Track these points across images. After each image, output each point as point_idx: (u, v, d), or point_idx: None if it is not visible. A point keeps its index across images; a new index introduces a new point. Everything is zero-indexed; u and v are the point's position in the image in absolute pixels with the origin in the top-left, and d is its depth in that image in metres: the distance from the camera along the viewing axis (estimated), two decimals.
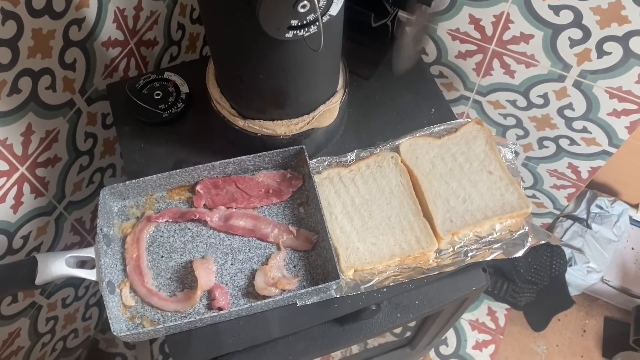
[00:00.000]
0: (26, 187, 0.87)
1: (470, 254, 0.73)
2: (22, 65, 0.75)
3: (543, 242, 0.74)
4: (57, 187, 0.94)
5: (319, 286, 0.67)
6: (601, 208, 1.42)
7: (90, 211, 1.07)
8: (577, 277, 1.41)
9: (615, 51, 0.90)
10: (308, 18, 0.55)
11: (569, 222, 1.43)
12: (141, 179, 0.73)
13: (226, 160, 0.75)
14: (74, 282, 1.13)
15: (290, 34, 0.56)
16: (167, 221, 0.75)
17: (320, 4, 0.54)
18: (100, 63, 0.90)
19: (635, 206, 1.45)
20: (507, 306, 1.49)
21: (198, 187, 0.76)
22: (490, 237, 0.74)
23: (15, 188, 0.85)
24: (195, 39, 1.15)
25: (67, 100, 0.87)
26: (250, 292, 0.71)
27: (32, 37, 0.74)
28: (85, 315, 1.24)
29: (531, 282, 1.38)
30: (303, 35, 0.56)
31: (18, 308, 0.99)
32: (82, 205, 1.04)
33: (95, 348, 1.33)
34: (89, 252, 0.68)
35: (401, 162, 0.79)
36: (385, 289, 0.71)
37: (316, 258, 0.73)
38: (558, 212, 1.36)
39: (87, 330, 1.28)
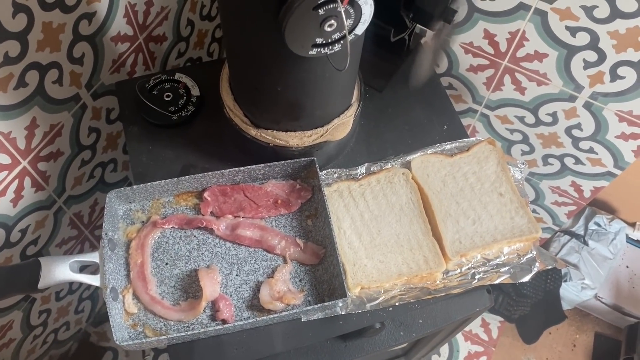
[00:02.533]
0: (27, 181, 0.85)
1: (477, 277, 0.72)
2: (30, 58, 0.73)
3: (550, 267, 0.74)
4: (58, 181, 0.93)
5: (326, 303, 0.66)
6: (599, 225, 1.42)
7: (89, 206, 1.06)
8: (571, 293, 1.42)
9: (629, 76, 0.89)
10: (333, 37, 0.54)
11: (566, 237, 1.43)
12: (149, 183, 0.72)
13: (236, 169, 0.74)
14: None
15: (314, 52, 0.55)
16: (173, 227, 0.74)
17: (347, 23, 0.53)
18: (108, 58, 0.89)
19: (632, 225, 1.45)
20: (501, 318, 1.49)
21: (206, 194, 0.75)
22: (498, 260, 0.74)
23: (16, 182, 0.83)
24: (204, 36, 1.13)
25: (73, 94, 0.85)
26: (254, 304, 0.70)
27: (42, 30, 0.73)
28: (77, 309, 1.23)
29: (526, 295, 1.39)
30: (327, 53, 0.55)
31: (12, 301, 0.98)
32: (82, 199, 1.03)
33: (85, 341, 1.32)
34: (93, 257, 0.67)
35: (412, 179, 0.78)
36: (390, 308, 0.71)
37: (323, 273, 0.72)
38: (557, 228, 1.36)
39: (78, 323, 1.27)
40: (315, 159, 0.75)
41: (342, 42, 0.55)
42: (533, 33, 0.92)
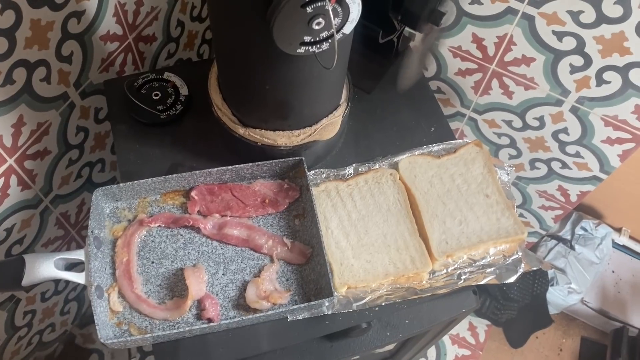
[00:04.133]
0: (13, 179, 0.85)
1: (463, 277, 0.73)
2: (18, 55, 0.73)
3: (535, 268, 0.75)
4: (45, 180, 0.92)
5: (312, 303, 0.66)
6: (585, 230, 1.44)
7: (76, 205, 1.05)
8: (558, 297, 1.43)
9: (614, 81, 0.91)
10: (321, 35, 0.54)
11: (553, 242, 1.44)
12: (136, 181, 0.72)
13: (223, 168, 0.74)
14: None
15: (302, 50, 0.55)
16: (159, 226, 0.74)
17: (335, 22, 0.54)
18: (97, 57, 0.88)
19: (618, 230, 1.47)
20: (488, 322, 1.50)
21: (193, 193, 0.75)
22: (483, 260, 0.74)
23: (2, 180, 0.83)
24: (194, 37, 1.13)
25: (61, 93, 0.85)
26: (240, 304, 0.70)
27: (30, 27, 0.73)
28: (63, 310, 1.22)
29: (513, 299, 1.40)
30: (315, 51, 0.56)
31: None
32: (69, 199, 1.02)
33: (71, 343, 1.30)
34: (78, 255, 0.67)
35: (399, 179, 0.79)
36: (377, 308, 0.71)
37: (309, 272, 0.72)
38: (544, 232, 1.37)
39: (64, 324, 1.26)
40: (303, 158, 0.75)
41: (330, 40, 0.55)
42: (520, 37, 0.93)
